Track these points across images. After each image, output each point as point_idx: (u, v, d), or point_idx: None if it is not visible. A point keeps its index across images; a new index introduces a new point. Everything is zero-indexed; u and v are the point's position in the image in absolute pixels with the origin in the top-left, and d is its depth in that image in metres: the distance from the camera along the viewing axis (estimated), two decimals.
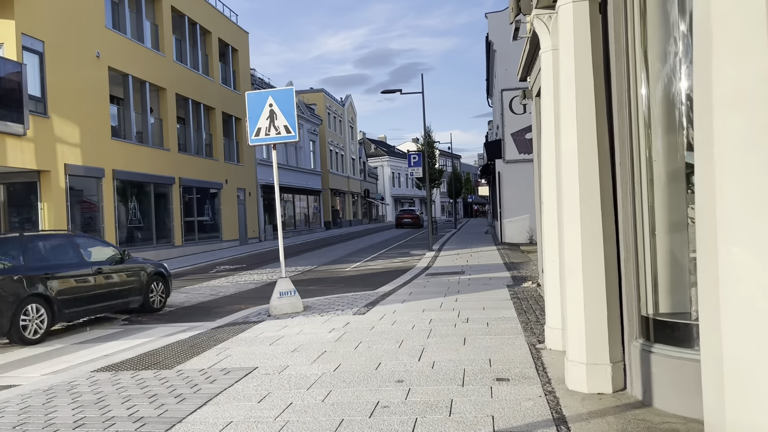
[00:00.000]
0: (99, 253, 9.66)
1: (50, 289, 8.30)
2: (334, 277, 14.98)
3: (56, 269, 8.55)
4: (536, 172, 10.21)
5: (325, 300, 10.12)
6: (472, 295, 9.77)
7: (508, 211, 22.56)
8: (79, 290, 8.80)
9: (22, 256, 8.21)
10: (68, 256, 8.99)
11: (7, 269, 7.90)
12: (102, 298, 9.24)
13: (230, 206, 28.75)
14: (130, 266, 10.01)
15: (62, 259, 8.84)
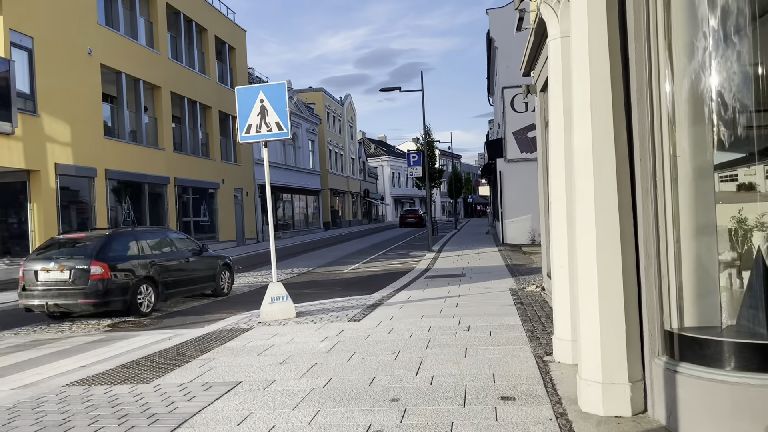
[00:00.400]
0: (185, 245, 11.64)
1: (155, 274, 10.24)
2: (330, 280, 14.54)
3: (158, 258, 10.53)
4: (541, 171, 9.76)
5: (320, 305, 9.67)
6: (474, 299, 9.32)
7: (510, 211, 22.12)
8: (174, 275, 10.78)
9: (135, 246, 10.27)
10: (166, 248, 11.05)
11: (127, 257, 9.95)
12: (188, 283, 11.21)
13: (227, 206, 28.32)
14: (206, 257, 11.91)
15: (162, 250, 10.88)
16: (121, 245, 10.04)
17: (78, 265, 9.43)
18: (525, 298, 9.19)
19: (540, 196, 10.06)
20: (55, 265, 9.50)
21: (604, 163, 3.94)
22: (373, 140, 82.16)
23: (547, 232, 9.63)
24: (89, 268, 9.34)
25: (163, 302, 10.70)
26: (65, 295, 9.35)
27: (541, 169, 9.73)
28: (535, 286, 10.19)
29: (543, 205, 9.74)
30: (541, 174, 9.74)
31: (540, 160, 9.81)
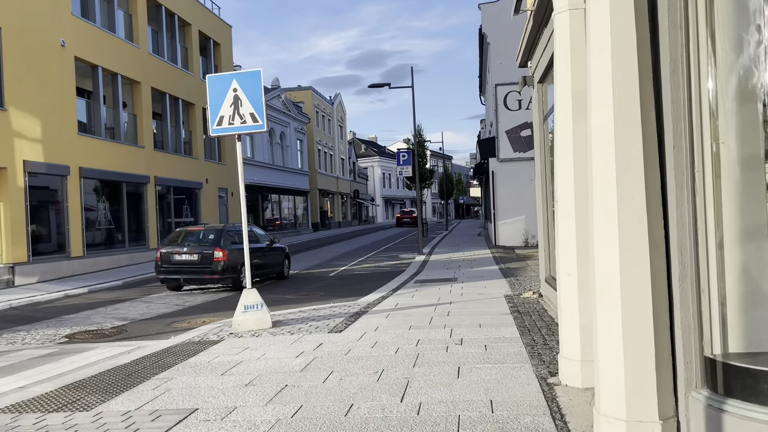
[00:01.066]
0: (264, 238, 14.53)
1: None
2: (314, 284, 13.76)
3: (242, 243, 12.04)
4: (539, 169, 9.07)
5: (300, 313, 8.90)
6: (466, 307, 8.60)
7: (503, 212, 21.45)
8: (259, 260, 13.20)
9: (237, 238, 13.00)
10: (253, 239, 12.87)
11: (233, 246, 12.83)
12: (266, 267, 14.14)
13: (211, 207, 27.45)
14: (275, 248, 14.83)
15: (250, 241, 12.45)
16: (229, 237, 13.24)
17: (204, 251, 12.77)
18: (522, 306, 8.47)
19: (537, 196, 9.37)
20: (186, 250, 12.85)
21: (630, 151, 3.22)
22: (363, 140, 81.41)
23: (546, 234, 8.93)
24: (213, 253, 12.65)
25: None
26: (195, 272, 12.79)
27: (539, 166, 9.04)
28: (532, 292, 9.48)
29: (541, 205, 9.05)
30: (539, 172, 9.04)
31: (538, 157, 9.11)
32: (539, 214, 9.25)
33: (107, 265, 19.28)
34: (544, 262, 8.95)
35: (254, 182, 33.47)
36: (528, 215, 21.11)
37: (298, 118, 42.33)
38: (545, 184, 8.91)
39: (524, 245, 21.05)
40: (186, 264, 12.84)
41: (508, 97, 21.21)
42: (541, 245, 9.06)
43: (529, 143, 21.12)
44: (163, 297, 12.68)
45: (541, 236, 9.08)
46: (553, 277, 8.48)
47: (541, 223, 9.08)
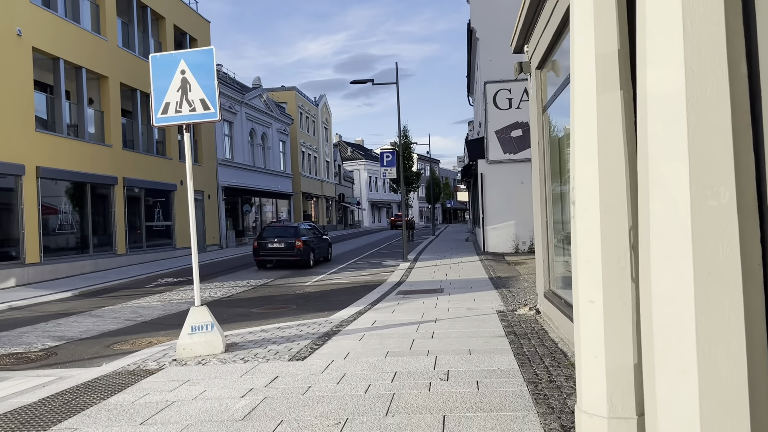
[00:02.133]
0: (319, 232, 20.89)
1: (313, 246, 19.16)
2: (288, 295, 12.54)
3: (312, 237, 19.48)
4: (537, 168, 7.94)
5: (261, 333, 7.68)
6: (454, 326, 7.43)
7: (492, 216, 20.35)
8: (316, 246, 19.41)
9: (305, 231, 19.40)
10: (312, 231, 20.03)
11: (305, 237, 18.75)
12: (320, 251, 19.88)
13: (185, 210, 26.08)
14: (324, 238, 21.04)
15: (311, 234, 19.71)
16: (303, 231, 19.22)
17: (288, 241, 18.36)
18: (517, 325, 7.32)
19: (534, 199, 8.25)
20: (277, 240, 18.45)
21: (712, 122, 2.07)
22: (349, 143, 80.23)
23: (545, 242, 7.80)
24: (294, 242, 18.29)
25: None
26: (282, 255, 18.34)
27: (537, 164, 7.91)
28: (528, 308, 8.34)
29: (539, 209, 7.93)
30: (537, 171, 7.92)
31: (536, 154, 7.99)
32: (537, 220, 8.13)
33: (68, 273, 17.90)
34: (542, 275, 7.82)
35: (233, 184, 32.14)
36: (518, 220, 20.05)
37: (281, 119, 41.05)
38: (544, 185, 7.79)
39: (514, 252, 19.98)
40: (276, 249, 18.64)
41: (498, 95, 20.16)
42: (539, 255, 7.93)
43: (520, 144, 20.07)
44: (117, 310, 11.40)
45: (539, 245, 7.95)
46: (554, 293, 7.35)
47: (539, 230, 7.96)
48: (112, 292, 14.30)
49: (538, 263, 8.17)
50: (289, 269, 18.34)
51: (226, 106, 31.88)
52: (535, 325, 7.27)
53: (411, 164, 36.94)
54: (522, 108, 20.06)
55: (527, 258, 17.96)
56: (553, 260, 7.66)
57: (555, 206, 7.68)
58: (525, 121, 20.01)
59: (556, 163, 7.75)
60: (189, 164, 7.04)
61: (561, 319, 6.53)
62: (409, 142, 36.54)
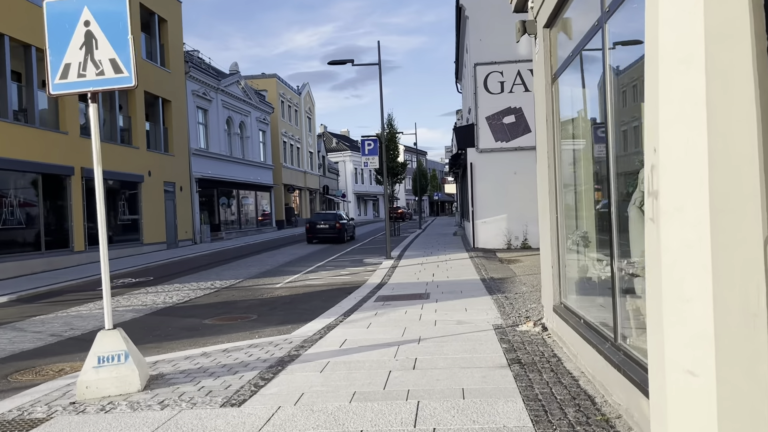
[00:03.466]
0: (347, 217, 29.98)
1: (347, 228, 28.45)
2: (252, 300, 10.98)
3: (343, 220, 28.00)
4: (545, 150, 6.41)
5: (200, 360, 6.12)
6: (442, 350, 5.92)
7: (482, 210, 18.88)
8: (347, 227, 27.94)
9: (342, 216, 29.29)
10: (344, 218, 28.69)
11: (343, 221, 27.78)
12: (349, 231, 28.32)
13: (154, 203, 24.35)
14: (351, 222, 29.76)
15: (343, 219, 28.28)
16: (339, 216, 27.57)
17: (330, 224, 26.40)
18: (522, 348, 5.83)
19: (541, 191, 6.74)
20: (323, 222, 26.57)
21: None
22: (335, 134, 78.43)
23: (554, 246, 6.30)
24: (335, 224, 26.40)
25: None
26: (326, 233, 26.31)
27: (545, 147, 6.39)
28: (532, 324, 6.85)
29: (547, 203, 6.41)
30: (545, 156, 6.40)
31: (543, 136, 6.47)
32: (543, 216, 6.62)
33: (16, 272, 16.17)
34: (551, 284, 6.33)
35: (209, 176, 30.38)
36: (511, 214, 18.61)
37: (261, 107, 39.24)
38: (554, 171, 6.28)
39: (506, 248, 18.55)
40: (322, 229, 26.52)
41: (489, 78, 18.64)
42: (547, 259, 6.43)
43: (513, 131, 18.59)
44: (49, 320, 9.76)
45: (546, 247, 6.45)
46: (567, 308, 5.86)
47: (546, 227, 6.46)
48: (56, 297, 12.65)
49: (545, 269, 6.67)
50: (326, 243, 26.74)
51: (200, 92, 30.06)
52: (544, 349, 5.78)
53: (396, 155, 35.38)
54: (515, 92, 18.57)
55: (521, 255, 16.54)
56: (564, 267, 6.18)
57: (566, 197, 6.19)
58: (518, 107, 18.54)
59: (569, 145, 6.25)
60: (96, 144, 5.45)
61: (579, 345, 5.05)
62: (395, 132, 34.95)
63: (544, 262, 6.67)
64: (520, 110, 18.54)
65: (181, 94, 27.71)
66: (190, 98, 28.83)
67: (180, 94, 27.52)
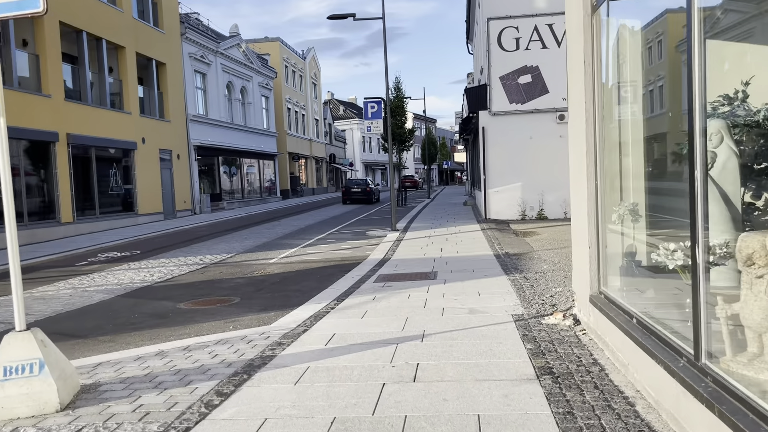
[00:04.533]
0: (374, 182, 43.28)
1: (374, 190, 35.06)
2: (238, 279, 9.84)
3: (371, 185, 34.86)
4: (582, 100, 5.09)
5: (152, 362, 4.97)
6: (451, 352, 4.73)
7: (495, 178, 17.54)
8: (375, 191, 34.41)
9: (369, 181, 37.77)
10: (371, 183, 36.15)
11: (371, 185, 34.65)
12: (375, 195, 34.10)
13: (149, 172, 23.20)
14: (377, 186, 41.14)
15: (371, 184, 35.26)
16: (368, 182, 34.70)
17: (362, 188, 33.00)
18: (552, 351, 4.63)
19: (576, 148, 5.44)
20: (356, 187, 33.29)
21: None
22: (342, 102, 76.57)
23: (591, 214, 5.04)
24: (366, 189, 32.83)
25: None
26: (359, 195, 32.68)
27: (584, 93, 5.07)
28: (562, 315, 5.62)
29: (583, 163, 5.11)
30: (584, 103, 5.08)
31: (582, 79, 5.14)
32: (578, 185, 5.34)
33: None
34: (587, 268, 5.08)
35: (208, 143, 29.12)
36: (526, 182, 17.28)
37: (263, 72, 37.68)
38: (593, 128, 4.97)
39: (521, 219, 17.28)
40: (355, 192, 32.55)
41: (503, 34, 17.09)
42: (583, 237, 5.18)
43: (529, 92, 17.10)
44: (8, 302, 8.67)
45: (583, 224, 5.19)
46: (611, 300, 4.63)
47: (582, 197, 5.19)
48: (28, 273, 11.58)
49: (578, 248, 5.42)
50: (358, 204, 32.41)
51: (198, 55, 28.59)
52: (580, 352, 4.57)
53: (404, 120, 33.88)
54: (531, 49, 17.02)
55: (537, 226, 15.27)
56: (606, 246, 4.92)
57: (609, 159, 4.91)
58: (535, 65, 17.02)
59: (613, 92, 4.94)
60: None
61: (631, 352, 3.84)
62: (402, 96, 33.36)
63: (578, 239, 5.41)
64: (536, 69, 17.02)
65: (177, 57, 26.28)
66: (187, 61, 27.40)
67: (176, 57, 26.10)
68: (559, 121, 16.94)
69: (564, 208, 17.05)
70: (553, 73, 16.89)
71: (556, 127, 17.02)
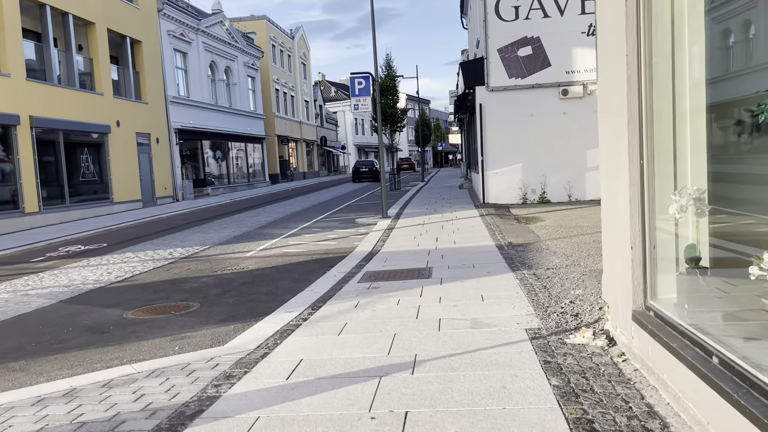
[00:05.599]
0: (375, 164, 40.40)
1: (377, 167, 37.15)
2: (204, 278, 8.61)
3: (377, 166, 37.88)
4: (620, 51, 3.83)
5: (50, 411, 3.76)
6: (451, 393, 3.54)
7: (493, 159, 16.30)
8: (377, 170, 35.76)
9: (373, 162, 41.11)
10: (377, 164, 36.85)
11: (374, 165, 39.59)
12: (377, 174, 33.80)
13: (125, 157, 21.83)
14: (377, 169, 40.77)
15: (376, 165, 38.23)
16: (375, 163, 40.25)
17: (369, 168, 38.81)
18: (587, 389, 3.44)
19: (615, 116, 4.20)
20: (364, 167, 39.23)
21: None
22: (333, 83, 74.82)
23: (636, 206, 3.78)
24: (373, 169, 38.60)
25: None
26: (367, 175, 38.26)
27: (624, 39, 3.82)
28: (591, 333, 4.42)
29: (627, 136, 3.90)
30: (626, 64, 3.82)
31: (621, 19, 3.88)
32: (615, 165, 4.11)
33: None
34: (629, 275, 3.86)
35: (190, 126, 27.70)
36: (527, 163, 16.06)
37: (249, 52, 36.10)
38: (640, 97, 3.72)
39: (522, 202, 16.08)
40: (363, 172, 37.92)
41: (501, 2, 15.75)
42: (621, 234, 3.95)
43: (530, 65, 15.80)
44: None
45: (622, 217, 3.96)
46: (660, 316, 3.43)
47: (621, 185, 3.95)
48: None
49: (614, 248, 4.20)
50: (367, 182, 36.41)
51: (177, 33, 27.04)
52: (627, 393, 3.37)
53: (396, 100, 32.47)
54: (532, 18, 15.69)
55: (540, 211, 14.08)
56: (655, 249, 3.71)
57: (660, 133, 3.67)
58: (536, 36, 15.69)
59: (665, 49, 3.70)
60: None
61: (714, 407, 2.65)
62: (394, 75, 31.93)
63: (613, 236, 4.20)
64: (538, 40, 15.70)
65: (154, 34, 24.75)
66: (165, 39, 25.87)
67: (152, 34, 24.57)
68: (563, 96, 15.68)
69: (568, 191, 15.86)
70: (556, 44, 15.59)
71: (558, 103, 15.76)
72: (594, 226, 10.96)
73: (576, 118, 15.70)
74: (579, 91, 15.64)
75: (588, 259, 7.73)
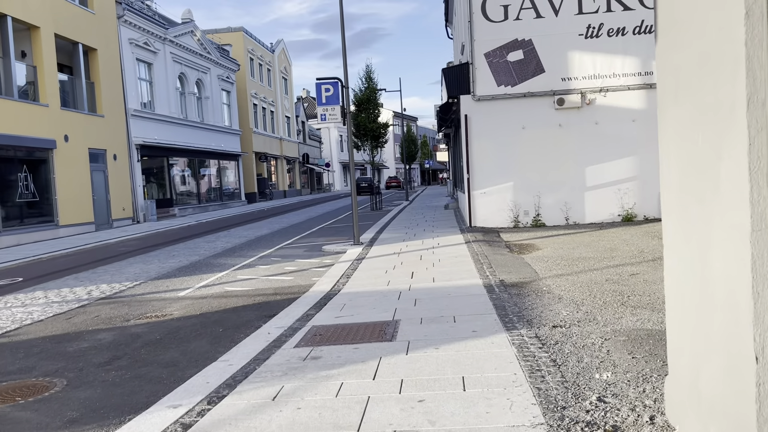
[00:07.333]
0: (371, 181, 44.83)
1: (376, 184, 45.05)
2: (104, 333, 6.57)
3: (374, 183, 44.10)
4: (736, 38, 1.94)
5: None
6: None
7: (481, 177, 14.43)
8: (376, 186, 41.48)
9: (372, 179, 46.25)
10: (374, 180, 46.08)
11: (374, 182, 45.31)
12: (376, 188, 38.14)
13: (75, 175, 19.73)
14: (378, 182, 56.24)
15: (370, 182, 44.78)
16: (372, 180, 45.02)
17: (368, 183, 44.07)
18: None
19: (730, 105, 2.30)
20: (363, 182, 46.82)
21: None
22: None
23: (763, 241, 1.85)
24: (371, 185, 39.92)
25: None
26: (366, 189, 40.47)
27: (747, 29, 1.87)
28: None
29: (749, 120, 2.03)
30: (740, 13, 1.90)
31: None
32: (721, 197, 2.18)
33: None
34: (760, 411, 1.91)
35: (154, 142, 25.67)
36: (518, 182, 14.21)
37: (223, 64, 34.24)
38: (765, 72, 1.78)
39: (513, 226, 14.19)
40: (363, 187, 42.32)
41: (489, 1, 13.99)
42: (751, 334, 2.00)
43: (521, 71, 14.02)
44: None
45: (748, 294, 2.00)
46: None
47: (736, 229, 2.01)
48: None
49: (696, 345, 2.24)
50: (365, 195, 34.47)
51: (140, 42, 25.13)
52: None
53: (377, 114, 30.66)
54: (523, 19, 13.95)
55: (534, 237, 12.19)
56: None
57: None
58: (527, 39, 13.95)
59: None
60: None
61: None
62: (375, 87, 30.16)
63: (698, 320, 2.26)
64: (530, 43, 13.95)
65: (113, 42, 22.82)
66: (126, 48, 23.94)
67: (111, 42, 22.64)
68: (558, 106, 13.90)
69: (565, 213, 14.01)
70: (550, 48, 13.85)
71: (553, 114, 13.98)
72: (602, 258, 9.07)
73: (573, 130, 13.92)
74: (576, 100, 13.87)
75: (605, 309, 5.81)
